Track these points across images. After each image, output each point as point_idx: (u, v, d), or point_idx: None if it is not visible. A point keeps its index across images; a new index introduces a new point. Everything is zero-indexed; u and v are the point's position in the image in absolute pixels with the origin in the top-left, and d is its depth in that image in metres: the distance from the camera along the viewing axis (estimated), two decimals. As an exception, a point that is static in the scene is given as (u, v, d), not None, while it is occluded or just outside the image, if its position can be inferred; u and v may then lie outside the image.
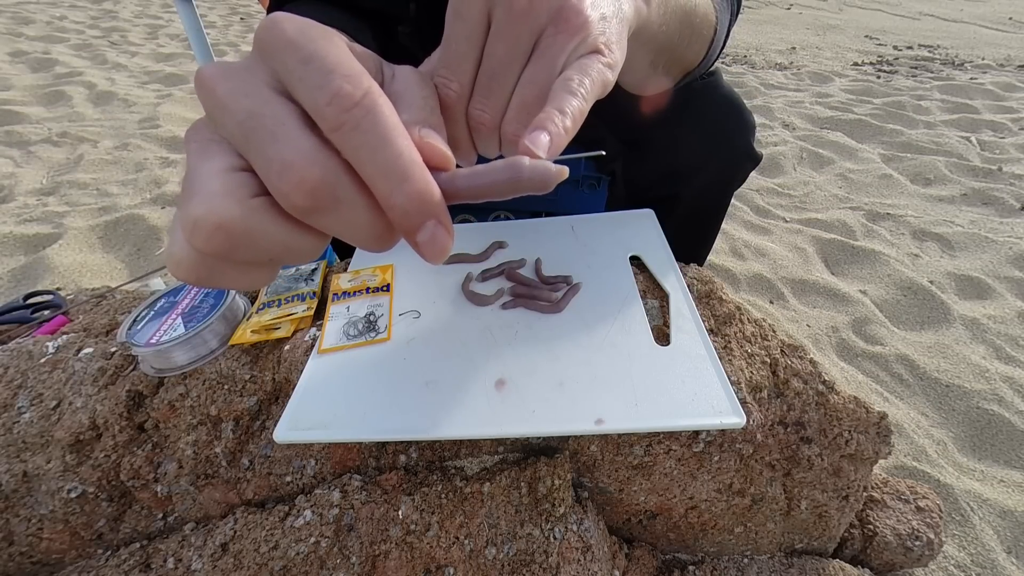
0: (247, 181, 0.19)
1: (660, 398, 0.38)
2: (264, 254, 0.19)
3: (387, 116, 0.18)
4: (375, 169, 0.18)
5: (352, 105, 0.18)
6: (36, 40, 2.74)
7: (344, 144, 0.18)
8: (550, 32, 0.25)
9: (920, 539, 0.54)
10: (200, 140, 0.20)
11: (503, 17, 0.25)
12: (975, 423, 0.85)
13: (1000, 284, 1.18)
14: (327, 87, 0.18)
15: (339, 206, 0.19)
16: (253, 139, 0.18)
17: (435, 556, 0.42)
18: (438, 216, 0.19)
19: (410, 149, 0.19)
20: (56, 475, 0.45)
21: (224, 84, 0.19)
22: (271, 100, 0.18)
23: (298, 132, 0.18)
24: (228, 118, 0.19)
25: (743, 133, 0.61)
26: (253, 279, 0.21)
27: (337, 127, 0.18)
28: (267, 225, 0.19)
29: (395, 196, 0.18)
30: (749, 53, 3.08)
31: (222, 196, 0.18)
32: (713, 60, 0.50)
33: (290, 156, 0.17)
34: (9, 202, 1.36)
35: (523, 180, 0.21)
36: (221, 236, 0.18)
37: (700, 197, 0.65)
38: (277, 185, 0.18)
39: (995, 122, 2.06)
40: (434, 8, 0.59)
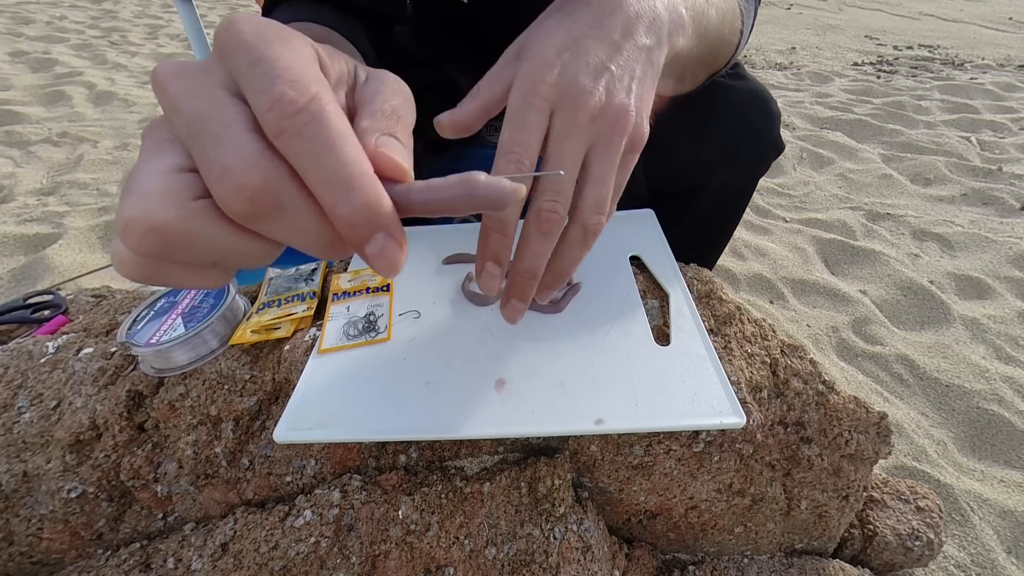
0: (191, 183, 0.18)
1: (660, 398, 0.38)
2: (206, 257, 0.19)
3: (333, 123, 0.18)
4: (318, 178, 0.18)
5: (295, 111, 0.17)
6: (36, 40, 2.74)
7: (287, 151, 0.18)
8: (606, 132, 0.28)
9: (920, 539, 0.54)
10: (154, 138, 0.19)
11: (569, 118, 0.28)
12: (975, 423, 0.85)
13: (1000, 284, 1.18)
14: (270, 91, 0.17)
15: (283, 213, 0.18)
16: (198, 141, 0.18)
17: (435, 556, 0.42)
18: (387, 228, 0.19)
19: (357, 158, 0.18)
20: (56, 475, 0.45)
21: (176, 84, 0.18)
22: (221, 102, 0.18)
23: (242, 136, 0.18)
24: (178, 118, 0.18)
25: (769, 125, 0.61)
26: (203, 279, 0.20)
27: (279, 133, 0.17)
28: (208, 229, 0.18)
29: (339, 207, 0.18)
30: (749, 53, 3.08)
31: (159, 197, 0.17)
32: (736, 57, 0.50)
33: (230, 160, 0.17)
34: (9, 202, 1.36)
35: (477, 196, 0.20)
36: (154, 238, 0.17)
37: (726, 188, 0.66)
38: (216, 189, 0.17)
39: (995, 122, 2.06)
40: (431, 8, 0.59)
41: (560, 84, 0.28)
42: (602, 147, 0.28)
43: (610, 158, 0.29)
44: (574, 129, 0.28)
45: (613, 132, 0.28)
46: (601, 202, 0.29)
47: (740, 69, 0.61)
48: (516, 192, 0.20)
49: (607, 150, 0.28)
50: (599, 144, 0.28)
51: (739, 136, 0.61)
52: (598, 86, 0.28)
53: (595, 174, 0.29)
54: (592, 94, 0.28)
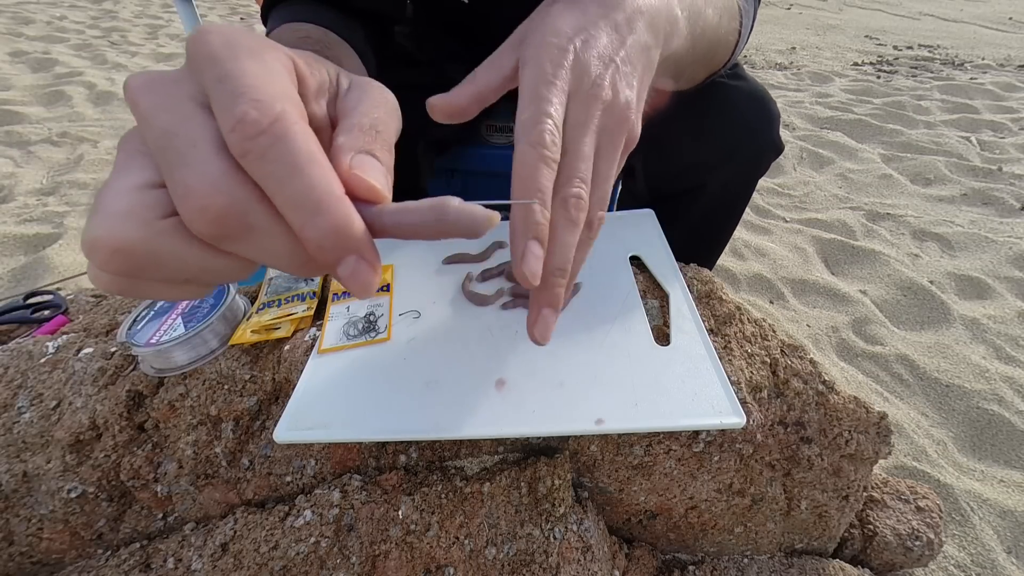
0: (159, 200, 0.18)
1: (660, 398, 0.38)
2: (177, 275, 0.18)
3: (299, 144, 0.17)
4: (285, 200, 0.17)
5: (257, 132, 0.17)
6: (36, 40, 2.73)
7: (253, 172, 0.17)
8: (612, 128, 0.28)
9: (920, 539, 0.54)
10: (127, 151, 0.19)
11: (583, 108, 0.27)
12: (975, 423, 0.85)
13: (1000, 284, 1.18)
14: (232, 111, 0.17)
15: (252, 234, 0.18)
16: (165, 158, 0.17)
17: (435, 556, 0.42)
18: (359, 250, 0.18)
19: (326, 180, 0.18)
20: (56, 475, 0.45)
21: (147, 97, 0.18)
22: (189, 118, 0.18)
23: (208, 156, 0.17)
24: (148, 132, 0.18)
25: (768, 125, 0.61)
26: (180, 293, 0.20)
27: (243, 154, 0.17)
28: (176, 248, 0.18)
29: (307, 229, 0.18)
30: (749, 53, 3.08)
31: (124, 217, 0.17)
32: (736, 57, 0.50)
33: (193, 181, 0.17)
34: (9, 202, 1.36)
35: (448, 223, 0.20)
36: (119, 258, 0.17)
37: (725, 188, 0.66)
38: (182, 210, 0.17)
39: (995, 122, 2.06)
40: (431, 9, 0.59)
41: (576, 69, 0.27)
42: (607, 144, 0.28)
43: (613, 155, 0.28)
44: (591, 121, 0.27)
45: (618, 129, 0.28)
46: (604, 198, 0.29)
47: (739, 69, 0.61)
48: (490, 220, 0.20)
49: (612, 147, 0.28)
50: (604, 140, 0.28)
51: (738, 136, 0.61)
52: (606, 78, 0.28)
53: (602, 172, 0.28)
54: (603, 87, 0.27)
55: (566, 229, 0.27)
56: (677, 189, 0.66)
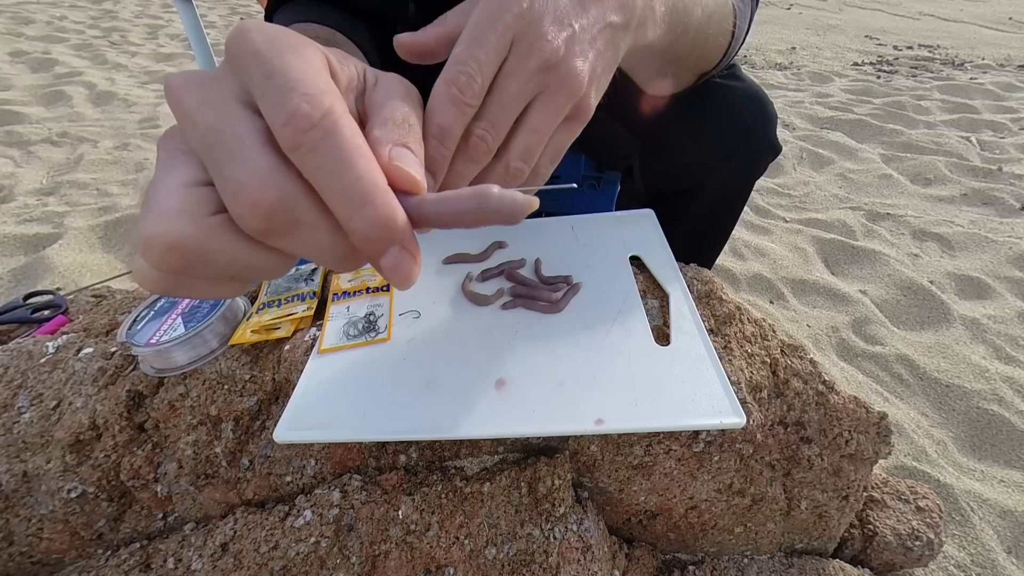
0: (207, 197, 0.18)
1: (660, 398, 0.38)
2: (224, 271, 0.19)
3: (347, 138, 0.18)
4: (334, 193, 0.18)
5: (309, 127, 0.17)
6: (36, 40, 2.73)
7: (302, 165, 0.18)
8: (554, 89, 0.27)
9: (920, 539, 0.54)
10: (169, 150, 0.19)
11: (521, 60, 0.27)
12: (975, 423, 0.85)
13: (1000, 284, 1.18)
14: (284, 106, 0.17)
15: (298, 228, 0.18)
16: (212, 156, 0.18)
17: (435, 556, 0.42)
18: (403, 242, 0.19)
19: (372, 172, 0.18)
20: (56, 475, 0.45)
21: (190, 96, 0.18)
22: (235, 115, 0.18)
23: (257, 151, 0.17)
24: (192, 131, 0.18)
25: (766, 126, 0.61)
26: (221, 291, 0.20)
27: (294, 148, 0.17)
28: (225, 244, 0.18)
29: (355, 221, 0.18)
30: (749, 53, 3.08)
31: (177, 214, 0.17)
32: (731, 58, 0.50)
33: (245, 177, 0.17)
34: (9, 202, 1.36)
35: (490, 210, 0.20)
36: (175, 256, 0.17)
37: (722, 189, 0.66)
38: (232, 206, 0.17)
39: (995, 122, 2.06)
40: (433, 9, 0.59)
41: (524, 19, 0.27)
42: (546, 100, 0.27)
43: (550, 113, 0.28)
44: (523, 71, 0.26)
45: (560, 90, 0.27)
46: (529, 150, 0.28)
47: (737, 70, 0.61)
48: (529, 204, 0.21)
49: (549, 105, 0.28)
50: (543, 96, 0.27)
51: (736, 137, 0.61)
52: (558, 38, 0.27)
53: (531, 123, 0.28)
54: (551, 43, 0.27)
55: (463, 162, 0.27)
56: (675, 189, 0.66)
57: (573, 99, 0.28)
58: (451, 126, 0.25)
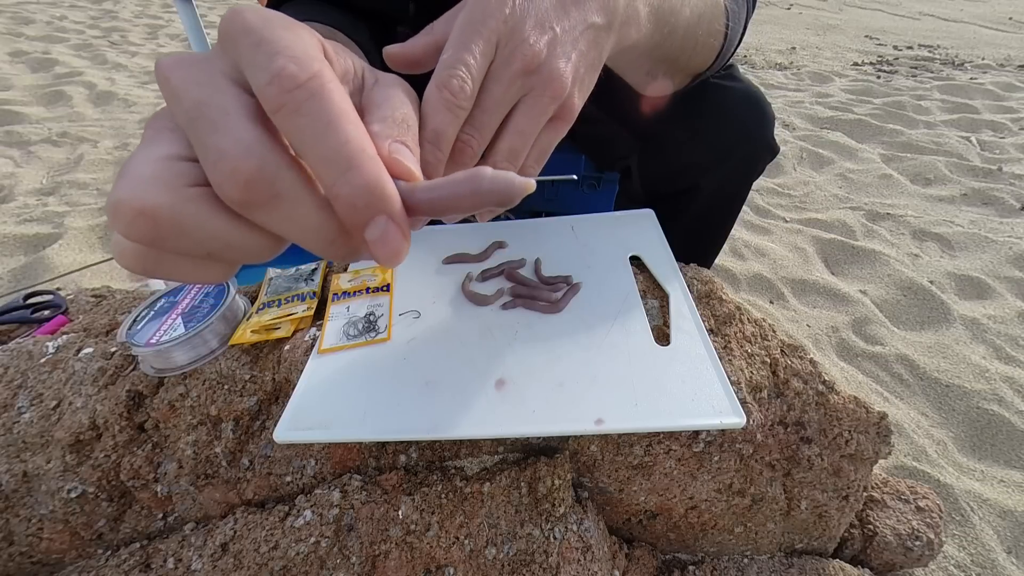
0: (187, 171, 0.18)
1: (660, 398, 0.38)
2: (200, 247, 0.18)
3: (335, 101, 0.18)
4: (318, 155, 0.17)
5: (294, 86, 0.17)
6: (36, 40, 2.73)
7: (286, 127, 0.17)
8: (538, 91, 0.28)
9: (920, 539, 0.54)
10: (155, 127, 0.19)
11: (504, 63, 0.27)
12: (975, 423, 0.85)
13: (1000, 284, 1.18)
14: (269, 67, 0.17)
15: (279, 202, 0.18)
16: (196, 127, 0.17)
17: (435, 556, 0.42)
18: (390, 213, 0.18)
19: (359, 137, 0.18)
20: (56, 475, 0.45)
21: (178, 73, 0.18)
22: (222, 90, 0.18)
23: (241, 123, 0.17)
24: (178, 107, 0.18)
25: (763, 126, 0.61)
26: (204, 273, 0.20)
27: (277, 108, 0.17)
28: (202, 217, 0.18)
29: (339, 185, 0.17)
30: (749, 53, 3.08)
31: (150, 181, 0.17)
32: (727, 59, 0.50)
33: (226, 145, 0.17)
34: (9, 202, 1.36)
35: (483, 191, 0.20)
36: (143, 222, 0.17)
37: (720, 190, 0.66)
38: (212, 175, 0.17)
39: (995, 122, 2.06)
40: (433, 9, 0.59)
41: (508, 24, 0.27)
42: (530, 102, 0.28)
43: (535, 115, 0.28)
44: (506, 75, 0.27)
45: (544, 92, 0.28)
46: (515, 152, 0.29)
47: (734, 71, 0.61)
48: (525, 186, 0.20)
49: (534, 107, 0.28)
50: (527, 99, 0.28)
51: (733, 138, 0.61)
52: (540, 41, 0.28)
53: (516, 125, 0.28)
54: (533, 47, 0.27)
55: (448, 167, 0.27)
56: (673, 190, 0.66)
57: (557, 100, 0.28)
58: (446, 130, 0.25)
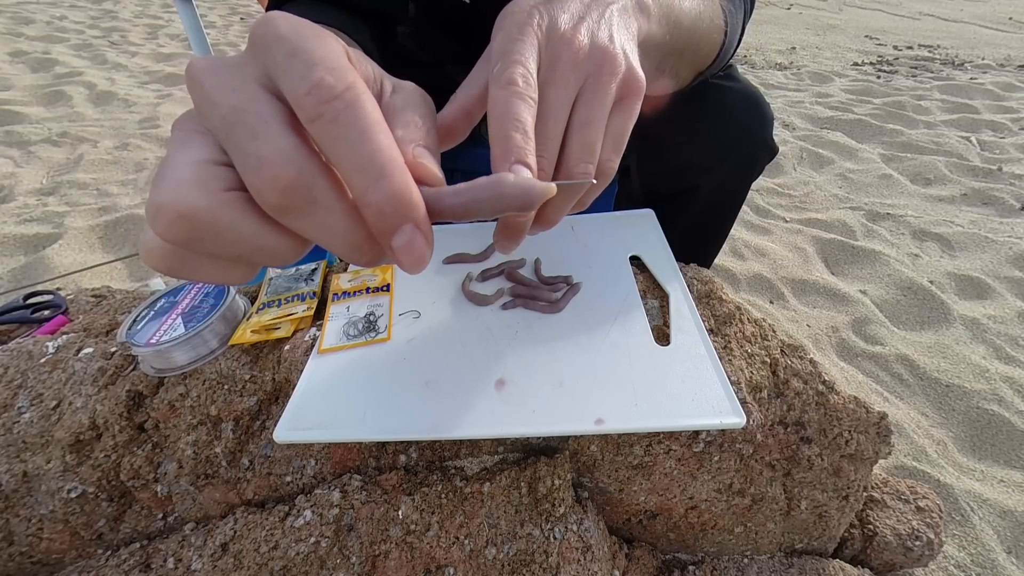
0: (223, 174, 0.18)
1: (660, 398, 0.38)
2: (233, 249, 0.19)
3: (368, 112, 0.18)
4: (351, 164, 0.18)
5: (332, 97, 0.18)
6: (36, 40, 2.73)
7: (321, 136, 0.18)
8: (594, 75, 0.27)
9: (920, 539, 0.54)
10: (184, 130, 0.20)
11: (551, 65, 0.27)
12: (975, 423, 0.85)
13: (1000, 284, 1.18)
14: (308, 77, 0.18)
15: (314, 208, 0.18)
16: (234, 134, 0.18)
17: (435, 556, 0.42)
18: (416, 221, 0.19)
19: (391, 148, 0.18)
20: (56, 475, 0.45)
21: (213, 78, 0.19)
22: (257, 97, 0.18)
23: (279, 130, 0.18)
24: (213, 112, 0.18)
25: (762, 127, 0.61)
26: (228, 275, 0.20)
27: (315, 118, 0.18)
28: (237, 220, 0.18)
29: (371, 193, 0.18)
30: (749, 53, 3.08)
31: (190, 184, 0.18)
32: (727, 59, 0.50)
33: (267, 152, 0.17)
34: (9, 202, 1.36)
35: (505, 197, 0.20)
36: (183, 225, 0.17)
37: (719, 190, 0.66)
38: (252, 181, 0.18)
39: (995, 122, 2.06)
40: (433, 9, 0.59)
41: (542, 28, 0.27)
42: (588, 90, 0.27)
43: (598, 100, 0.27)
44: (556, 76, 0.27)
45: (600, 74, 0.27)
46: (588, 146, 0.27)
47: (733, 71, 0.62)
48: (546, 191, 0.20)
49: (594, 93, 0.27)
50: (585, 87, 0.27)
51: (732, 138, 0.61)
52: (578, 33, 0.28)
53: (581, 117, 0.27)
54: (572, 40, 0.27)
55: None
56: (672, 190, 0.66)
57: (616, 76, 0.28)
58: (526, 119, 0.25)
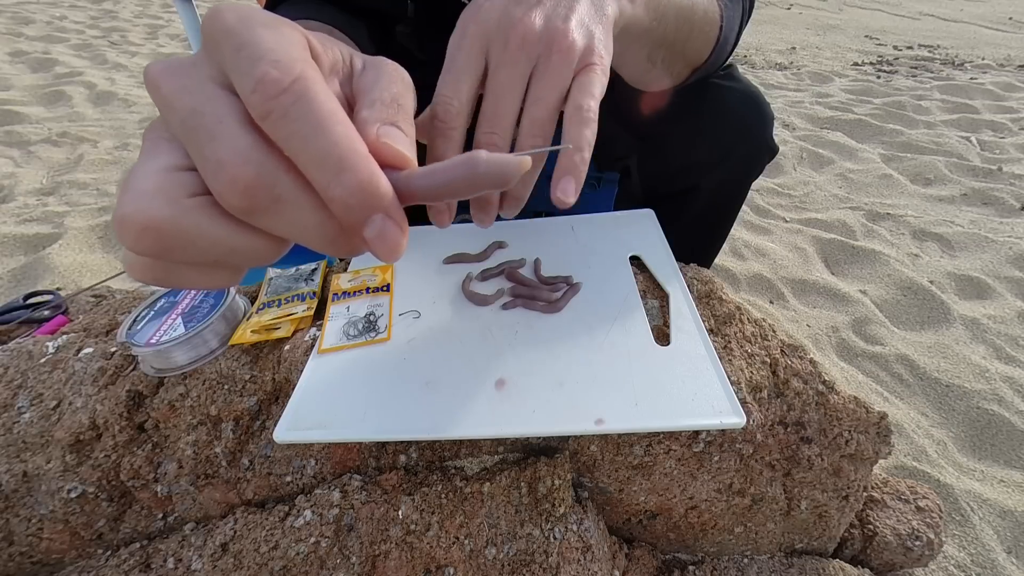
0: (187, 181, 0.18)
1: (660, 398, 0.38)
2: (206, 255, 0.18)
3: (321, 103, 0.17)
4: (308, 159, 0.17)
5: (278, 92, 0.17)
6: (36, 40, 2.73)
7: (275, 134, 0.17)
8: (544, 56, 0.28)
9: (920, 539, 0.54)
10: (152, 139, 0.19)
11: (501, 48, 0.27)
12: (975, 423, 0.85)
13: (1000, 284, 1.18)
14: (252, 73, 0.17)
15: (280, 206, 0.18)
16: (193, 137, 0.18)
17: (435, 556, 0.42)
18: (385, 209, 0.18)
19: (348, 137, 0.18)
20: (56, 475, 0.45)
21: (168, 82, 0.18)
22: (213, 97, 0.18)
23: (236, 130, 0.17)
24: (172, 116, 0.18)
25: (762, 126, 0.61)
26: (212, 279, 0.20)
27: (264, 115, 0.17)
28: (204, 225, 0.18)
29: (332, 188, 0.18)
30: (749, 53, 3.08)
31: (152, 195, 0.17)
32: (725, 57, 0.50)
33: (224, 154, 0.17)
34: (9, 202, 1.36)
35: (480, 175, 0.19)
36: (149, 237, 0.17)
37: (719, 190, 0.66)
38: (213, 185, 0.17)
39: (995, 122, 2.06)
40: (432, 8, 0.59)
41: (487, 21, 0.28)
42: (539, 69, 0.28)
43: (548, 78, 0.28)
44: (506, 58, 0.27)
45: (551, 52, 0.28)
46: (536, 121, 0.28)
47: (734, 71, 0.62)
48: (520, 165, 0.20)
49: (545, 71, 0.28)
50: (537, 67, 0.28)
51: (733, 137, 0.61)
52: (529, 15, 0.28)
53: (531, 96, 0.28)
54: (521, 22, 0.27)
55: None
56: (672, 190, 0.66)
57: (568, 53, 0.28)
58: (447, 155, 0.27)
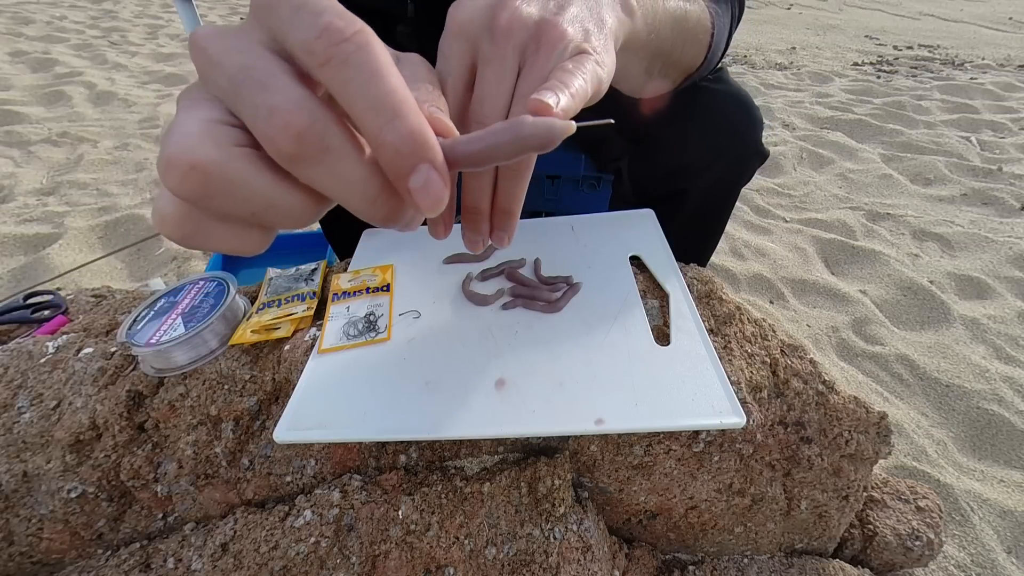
0: (233, 133, 0.19)
1: (660, 398, 0.38)
2: (245, 207, 0.19)
3: (379, 54, 0.18)
4: (364, 104, 0.18)
5: (342, 39, 0.17)
6: (36, 40, 2.74)
7: (333, 80, 0.18)
8: (532, 47, 0.27)
9: (920, 539, 0.54)
10: (191, 98, 0.20)
11: (487, 43, 0.27)
12: (975, 423, 0.85)
13: (1000, 284, 1.18)
14: (317, 23, 0.18)
15: (328, 156, 0.18)
16: (243, 89, 0.18)
17: (435, 556, 0.42)
18: (433, 160, 0.19)
19: (402, 88, 0.18)
20: (56, 475, 0.45)
21: (217, 43, 0.19)
22: (264, 56, 0.18)
23: (289, 81, 0.18)
24: (219, 74, 0.18)
25: (752, 130, 0.61)
26: (242, 240, 0.20)
27: (325, 61, 0.18)
28: (250, 174, 0.18)
29: (385, 132, 0.18)
30: (749, 53, 3.08)
31: (199, 137, 0.18)
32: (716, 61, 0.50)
33: (278, 101, 0.17)
34: (9, 202, 1.36)
35: (525, 137, 0.20)
36: (196, 177, 0.17)
37: (708, 193, 0.65)
38: (264, 130, 0.18)
39: (995, 122, 2.06)
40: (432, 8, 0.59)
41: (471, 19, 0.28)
42: (528, 63, 0.27)
43: (536, 71, 0.27)
44: (493, 52, 0.27)
45: (539, 46, 0.27)
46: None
47: (723, 74, 0.61)
48: (566, 128, 0.20)
49: (533, 65, 0.27)
50: (525, 60, 0.28)
51: (722, 139, 0.61)
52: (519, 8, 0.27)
53: (520, 91, 0.27)
54: (501, 16, 0.27)
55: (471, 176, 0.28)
56: (663, 193, 0.66)
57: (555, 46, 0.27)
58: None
